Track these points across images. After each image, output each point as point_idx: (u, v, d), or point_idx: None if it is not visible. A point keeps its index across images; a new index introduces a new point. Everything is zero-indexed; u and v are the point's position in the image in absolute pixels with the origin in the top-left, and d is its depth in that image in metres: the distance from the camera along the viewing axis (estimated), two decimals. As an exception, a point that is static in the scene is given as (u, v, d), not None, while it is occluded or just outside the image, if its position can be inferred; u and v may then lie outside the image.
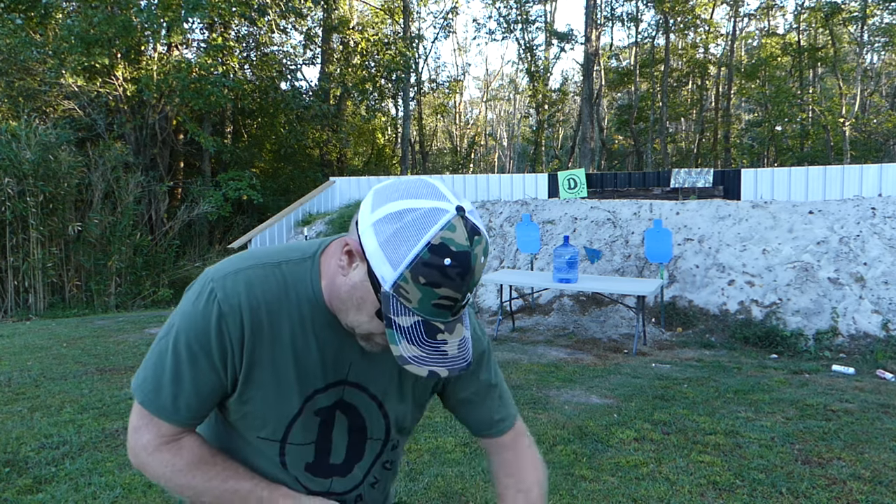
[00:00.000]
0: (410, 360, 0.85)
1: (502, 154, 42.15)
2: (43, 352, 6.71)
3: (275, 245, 1.05)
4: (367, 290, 0.87)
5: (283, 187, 19.93)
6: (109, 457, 3.71)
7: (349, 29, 21.76)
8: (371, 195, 0.88)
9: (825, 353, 6.53)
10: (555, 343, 7.29)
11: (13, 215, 10.75)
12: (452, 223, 0.82)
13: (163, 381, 0.95)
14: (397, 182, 0.88)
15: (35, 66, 13.63)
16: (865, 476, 3.43)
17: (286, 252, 1.00)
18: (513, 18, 27.37)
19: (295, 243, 1.04)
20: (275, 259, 0.98)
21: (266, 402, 0.98)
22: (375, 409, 1.07)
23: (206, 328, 0.92)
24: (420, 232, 0.81)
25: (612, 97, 33.11)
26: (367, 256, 0.85)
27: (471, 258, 0.82)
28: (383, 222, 0.83)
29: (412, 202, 0.83)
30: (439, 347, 0.86)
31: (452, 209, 0.83)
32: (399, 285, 0.82)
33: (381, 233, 0.83)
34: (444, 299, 0.82)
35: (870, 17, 21.61)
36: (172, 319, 0.97)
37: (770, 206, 8.64)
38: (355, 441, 1.08)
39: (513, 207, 10.45)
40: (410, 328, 0.84)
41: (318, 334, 0.98)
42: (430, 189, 0.86)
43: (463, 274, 0.81)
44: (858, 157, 21.94)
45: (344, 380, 1.02)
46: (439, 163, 32.04)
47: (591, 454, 3.76)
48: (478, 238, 0.83)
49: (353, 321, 0.92)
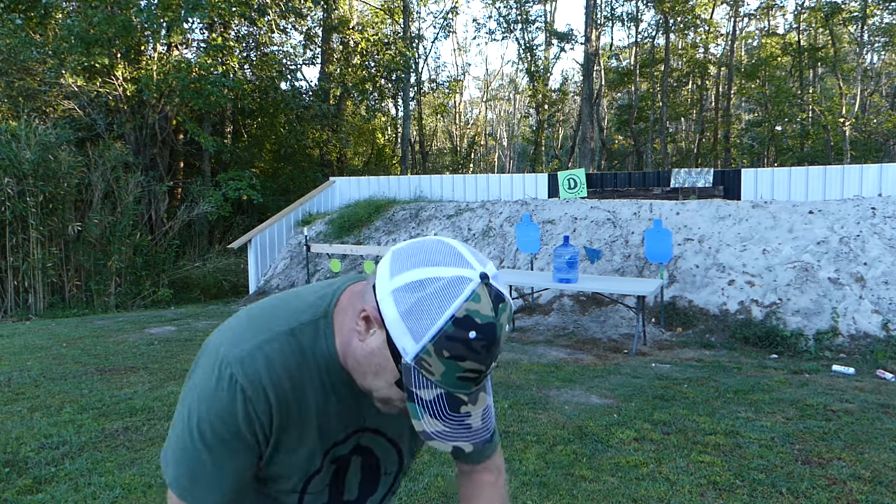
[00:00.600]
0: (434, 436, 0.83)
1: (502, 154, 42.15)
2: (43, 352, 6.71)
3: (278, 299, 0.99)
4: (386, 358, 0.85)
5: (283, 187, 19.93)
6: (109, 457, 3.71)
7: (349, 29, 21.75)
8: (389, 258, 0.86)
9: (825, 353, 6.52)
10: (555, 343, 7.29)
11: (13, 215, 10.74)
12: (477, 293, 0.79)
13: (198, 473, 0.92)
14: (417, 246, 0.86)
15: (35, 66, 13.62)
16: (865, 476, 3.43)
17: (296, 314, 0.95)
18: (513, 18, 27.37)
19: (301, 295, 0.99)
20: (286, 325, 0.94)
21: (290, 463, 0.98)
22: (391, 448, 1.08)
23: (233, 414, 0.90)
24: (443, 304, 0.78)
25: (612, 97, 33.11)
26: (385, 325, 0.82)
27: (496, 329, 0.80)
28: (403, 291, 0.81)
29: (434, 270, 0.81)
30: (463, 421, 0.84)
31: (476, 277, 0.80)
32: (421, 358, 0.80)
33: (402, 302, 0.80)
34: (468, 372, 0.80)
35: (870, 17, 21.61)
36: (189, 403, 0.92)
37: (770, 206, 8.64)
38: (369, 477, 1.08)
39: (513, 207, 10.45)
40: (433, 401, 0.82)
41: (337, 392, 0.97)
42: (453, 254, 0.83)
43: (489, 346, 0.80)
44: (858, 157, 21.94)
45: (362, 426, 1.02)
46: (439, 163, 32.03)
47: (591, 454, 3.76)
48: (502, 306, 0.81)
49: (371, 385, 0.90)
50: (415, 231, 10.95)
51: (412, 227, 11.09)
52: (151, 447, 3.88)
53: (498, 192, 11.89)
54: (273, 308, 0.97)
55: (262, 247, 11.85)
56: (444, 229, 10.58)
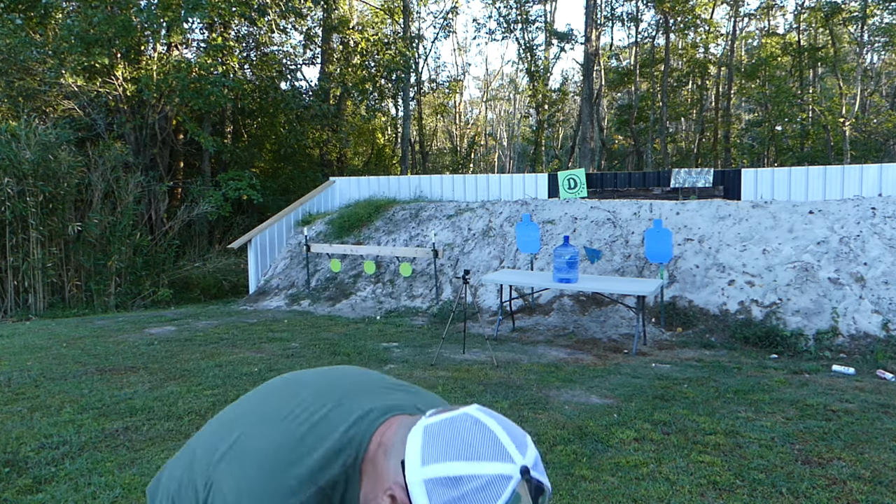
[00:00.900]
0: None
1: (502, 154, 42.15)
2: (43, 352, 6.71)
3: (299, 423, 0.95)
4: None
5: (283, 187, 19.93)
6: (109, 457, 3.71)
7: (349, 29, 21.75)
8: (421, 437, 0.81)
9: (825, 353, 6.52)
10: (555, 343, 7.29)
11: (13, 215, 10.74)
12: (518, 493, 0.76)
13: None
14: (454, 430, 0.81)
15: (35, 66, 13.62)
16: (865, 476, 3.43)
17: (325, 460, 0.90)
18: (513, 18, 27.36)
19: (329, 419, 0.95)
20: (314, 481, 0.89)
21: None
22: None
23: None
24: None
25: (612, 97, 33.10)
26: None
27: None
28: (438, 485, 0.77)
29: (473, 466, 0.77)
30: None
31: (516, 473, 0.77)
32: None
33: (436, 496, 0.76)
34: None
35: (870, 17, 21.60)
36: None
37: (770, 206, 8.64)
38: None
39: (513, 207, 10.45)
40: None
41: None
42: (492, 444, 0.79)
43: None
44: (858, 157, 21.95)
45: None
46: (439, 163, 32.03)
47: (591, 454, 3.76)
48: (541, 499, 0.79)
49: None
50: (415, 231, 10.95)
51: (412, 227, 11.09)
52: (151, 447, 3.88)
53: (498, 192, 11.89)
54: (299, 444, 0.91)
55: (262, 247, 11.85)
56: (444, 229, 10.57)
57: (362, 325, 8.58)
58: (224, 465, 0.95)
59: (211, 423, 1.11)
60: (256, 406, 1.06)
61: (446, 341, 7.24)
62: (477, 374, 5.71)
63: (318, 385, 1.07)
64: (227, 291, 14.02)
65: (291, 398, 1.04)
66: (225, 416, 1.10)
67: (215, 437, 1.04)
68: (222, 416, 1.10)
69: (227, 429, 1.04)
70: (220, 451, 0.99)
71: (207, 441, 1.05)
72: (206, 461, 1.00)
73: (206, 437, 1.07)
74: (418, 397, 1.09)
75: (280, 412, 1.00)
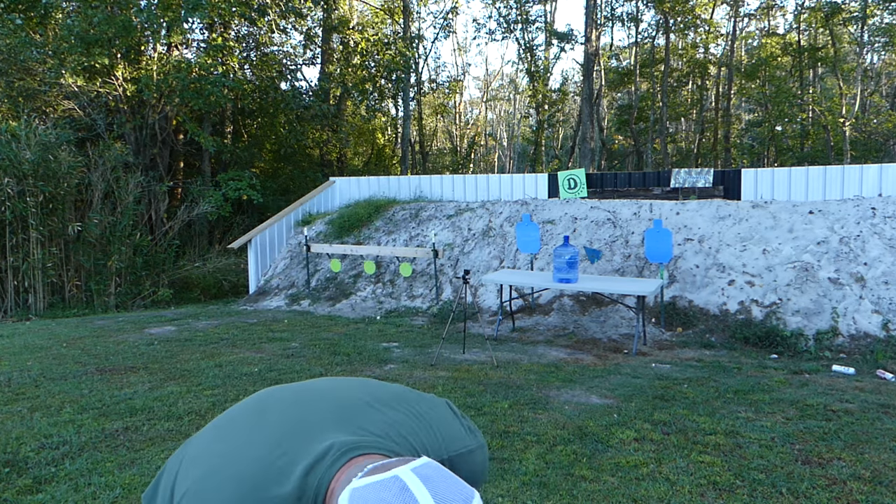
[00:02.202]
0: None
1: (502, 154, 42.15)
2: (43, 352, 6.71)
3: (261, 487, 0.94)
4: None
5: (283, 187, 19.94)
6: (109, 457, 3.71)
7: (349, 29, 21.76)
8: (346, 502, 0.80)
9: (825, 353, 6.52)
10: (555, 343, 7.29)
11: (13, 215, 10.74)
12: None
13: None
14: (378, 498, 0.78)
15: (35, 66, 13.62)
16: (865, 476, 3.43)
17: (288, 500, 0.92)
18: (513, 18, 27.36)
19: (295, 461, 0.95)
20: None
21: None
22: None
23: None
24: None
25: (612, 97, 33.11)
26: None
27: None
28: None
29: None
30: None
31: None
32: None
33: None
34: None
35: (870, 17, 21.61)
36: None
37: (770, 206, 8.64)
38: None
39: (513, 207, 10.45)
40: None
41: None
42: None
43: None
44: (858, 157, 21.95)
45: None
46: (439, 163, 32.02)
47: (591, 454, 3.76)
48: None
49: None
50: (415, 231, 10.95)
51: (412, 227, 11.09)
52: (151, 447, 3.88)
53: (498, 192, 11.89)
54: (256, 491, 0.92)
55: (262, 247, 11.85)
56: (444, 229, 10.57)
57: (362, 325, 8.58)
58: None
59: (187, 446, 1.11)
60: (220, 438, 1.06)
61: (446, 341, 7.24)
62: (477, 375, 5.71)
63: (283, 417, 1.05)
64: (227, 291, 14.02)
65: (255, 433, 1.03)
66: (197, 443, 1.09)
67: (187, 466, 1.04)
68: (197, 441, 1.09)
69: (194, 463, 1.03)
70: (182, 490, 0.99)
71: (181, 470, 1.05)
72: (171, 494, 1.03)
73: (179, 464, 1.08)
74: (408, 413, 1.09)
75: (240, 452, 0.99)
